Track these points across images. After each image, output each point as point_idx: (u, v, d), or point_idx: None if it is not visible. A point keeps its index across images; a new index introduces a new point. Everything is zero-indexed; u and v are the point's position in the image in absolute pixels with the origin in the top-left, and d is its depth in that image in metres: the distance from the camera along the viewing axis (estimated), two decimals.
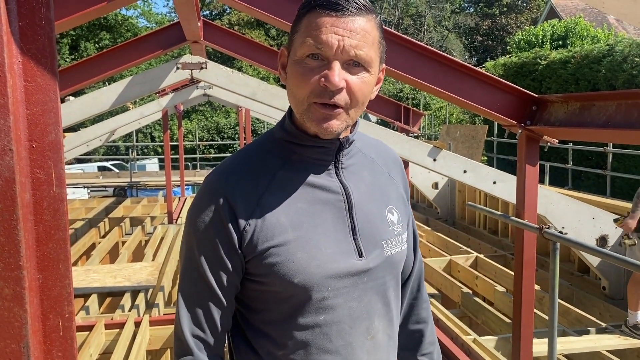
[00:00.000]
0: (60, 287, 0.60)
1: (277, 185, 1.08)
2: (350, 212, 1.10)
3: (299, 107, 1.05)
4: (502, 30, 37.38)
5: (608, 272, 5.14)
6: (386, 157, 1.24)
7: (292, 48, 1.05)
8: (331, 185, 1.10)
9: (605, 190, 8.22)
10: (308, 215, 1.07)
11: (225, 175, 1.09)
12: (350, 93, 1.02)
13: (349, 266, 1.08)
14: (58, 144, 0.57)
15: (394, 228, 1.15)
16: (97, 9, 2.79)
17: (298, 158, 1.10)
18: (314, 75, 1.00)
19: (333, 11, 0.99)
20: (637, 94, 2.48)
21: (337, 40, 0.99)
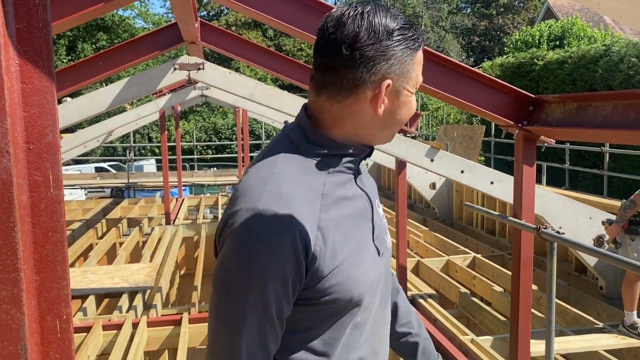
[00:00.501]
0: (57, 289, 0.60)
1: (326, 203, 1.05)
2: (372, 217, 1.14)
3: (394, 129, 1.12)
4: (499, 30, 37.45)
5: (605, 272, 5.15)
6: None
7: (406, 78, 1.06)
8: (358, 194, 1.12)
9: (602, 190, 8.25)
10: (352, 227, 1.08)
11: (284, 203, 0.99)
12: None
13: (377, 266, 1.13)
14: (55, 145, 0.57)
15: (385, 222, 1.22)
16: (95, 9, 2.78)
17: (333, 170, 1.08)
18: (414, 105, 1.12)
19: (421, 50, 1.09)
20: (633, 94, 2.49)
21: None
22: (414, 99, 1.10)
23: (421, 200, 9.88)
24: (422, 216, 9.04)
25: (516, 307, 3.24)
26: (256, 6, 3.02)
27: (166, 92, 9.10)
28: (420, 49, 1.08)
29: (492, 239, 7.54)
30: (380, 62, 1.02)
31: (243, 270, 0.98)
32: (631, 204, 4.18)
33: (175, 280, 7.17)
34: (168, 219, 8.94)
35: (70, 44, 26.63)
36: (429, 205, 9.34)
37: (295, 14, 3.00)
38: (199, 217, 10.35)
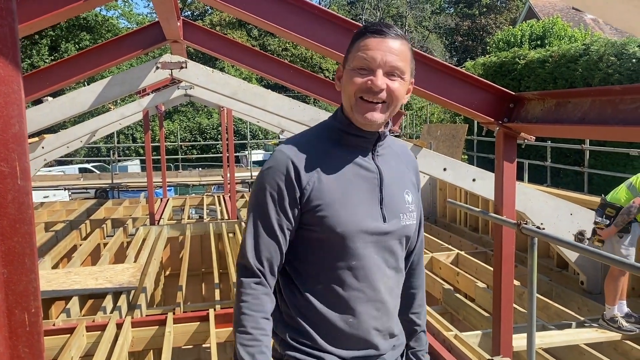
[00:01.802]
0: (26, 282, 0.59)
1: (331, 160, 1.44)
2: (381, 187, 1.46)
3: (349, 100, 1.41)
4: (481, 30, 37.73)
5: (586, 267, 5.22)
6: (406, 155, 1.62)
7: (347, 62, 1.44)
8: (369, 166, 1.47)
9: (583, 187, 8.35)
10: (351, 184, 1.43)
11: (293, 147, 1.44)
12: (389, 92, 1.39)
13: (375, 226, 1.44)
14: (22, 136, 0.57)
15: (408, 206, 1.51)
16: (73, 7, 2.76)
17: (346, 142, 1.47)
18: (362, 77, 1.39)
19: (378, 35, 1.39)
20: (610, 91, 2.53)
21: (381, 56, 1.37)
22: (356, 73, 1.39)
23: None
24: None
25: (498, 303, 3.27)
26: (240, 5, 3.01)
27: (149, 91, 9.04)
28: (364, 38, 1.40)
29: (475, 235, 7.59)
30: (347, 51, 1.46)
31: (255, 187, 1.48)
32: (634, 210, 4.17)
33: (160, 280, 7.12)
34: (152, 219, 8.88)
35: (53, 44, 26.33)
36: None
37: (280, 13, 3.00)
38: (184, 218, 10.29)
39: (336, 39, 2.95)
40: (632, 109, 2.37)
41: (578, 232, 4.82)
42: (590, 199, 5.76)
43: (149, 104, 8.92)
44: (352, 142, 1.47)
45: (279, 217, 1.42)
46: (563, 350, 4.14)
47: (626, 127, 2.36)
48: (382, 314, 1.48)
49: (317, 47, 3.04)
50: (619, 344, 4.08)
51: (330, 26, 2.97)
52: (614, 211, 4.24)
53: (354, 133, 1.46)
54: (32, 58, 24.93)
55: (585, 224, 4.95)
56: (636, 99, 2.36)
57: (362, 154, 1.47)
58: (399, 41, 1.40)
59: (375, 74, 1.37)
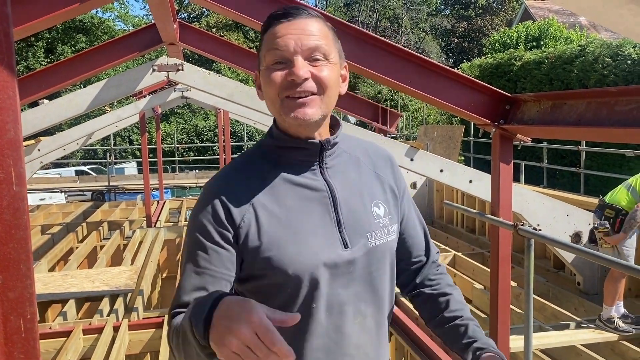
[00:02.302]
0: (21, 288, 0.59)
1: (267, 187, 1.19)
2: (335, 207, 1.20)
3: (274, 106, 1.17)
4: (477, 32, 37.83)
5: (582, 268, 5.23)
6: (374, 156, 1.33)
7: (260, 63, 1.19)
8: (316, 184, 1.21)
9: (579, 188, 8.37)
10: (296, 211, 1.18)
11: (220, 180, 1.22)
12: (317, 80, 1.14)
13: (335, 256, 1.17)
14: (17, 142, 0.57)
15: (379, 221, 1.24)
16: (70, 10, 2.75)
17: (285, 161, 1.22)
18: (281, 73, 1.14)
19: (284, 18, 1.15)
20: (605, 92, 2.54)
21: (294, 40, 1.13)
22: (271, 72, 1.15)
23: None
24: None
25: (495, 304, 3.28)
26: (236, 7, 3.01)
27: (146, 94, 9.04)
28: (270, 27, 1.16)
29: (472, 237, 7.61)
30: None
31: (186, 233, 1.23)
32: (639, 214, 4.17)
33: (157, 283, 7.11)
34: (149, 221, 8.86)
35: (49, 46, 26.26)
36: None
37: None
38: (181, 220, 10.28)
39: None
40: (627, 110, 2.38)
41: (574, 233, 4.83)
42: (586, 200, 5.78)
43: (146, 106, 8.91)
44: (291, 159, 1.21)
45: (212, 268, 1.14)
46: (560, 351, 4.15)
47: (622, 128, 2.37)
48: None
49: None
50: (616, 345, 4.09)
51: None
52: (613, 212, 4.24)
53: (290, 146, 1.20)
54: (28, 60, 24.88)
55: (581, 225, 4.97)
56: (631, 100, 2.36)
57: (305, 170, 1.21)
58: (312, 19, 1.17)
59: (293, 63, 1.12)
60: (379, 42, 3.05)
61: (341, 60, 1.23)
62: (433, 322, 1.35)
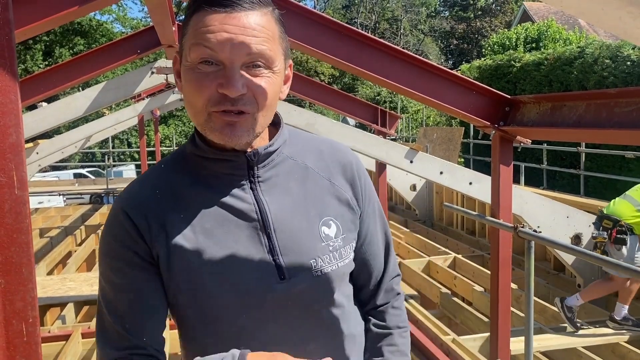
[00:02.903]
0: (23, 292, 0.59)
1: (183, 205, 0.98)
2: (267, 230, 0.99)
3: (198, 117, 0.94)
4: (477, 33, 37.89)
5: (583, 270, 5.23)
6: (330, 161, 1.09)
7: (183, 52, 0.95)
8: (242, 204, 0.99)
9: (579, 190, 8.37)
10: (217, 237, 0.97)
11: (126, 198, 1.00)
12: (256, 97, 0.92)
13: (266, 291, 0.97)
14: (19, 146, 0.57)
15: (329, 243, 1.02)
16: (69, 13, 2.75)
17: (208, 173, 1.01)
18: (210, 81, 0.90)
19: (221, 7, 0.89)
20: (605, 94, 2.54)
21: (230, 40, 0.88)
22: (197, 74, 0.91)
23: (402, 201, 9.93)
24: (403, 218, 9.08)
25: (495, 306, 3.28)
26: None
27: (145, 96, 9.04)
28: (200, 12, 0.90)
29: (472, 239, 7.60)
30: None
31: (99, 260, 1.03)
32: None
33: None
34: None
35: (47, 49, 26.27)
36: (410, 207, 9.39)
37: None
38: None
39: (331, 43, 2.96)
40: (627, 112, 2.38)
41: (575, 235, 4.83)
42: (586, 202, 5.78)
43: (144, 108, 8.91)
44: (215, 172, 1.00)
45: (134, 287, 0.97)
46: (561, 354, 4.14)
47: (621, 130, 2.37)
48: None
49: (312, 52, 3.04)
50: (617, 347, 4.09)
51: (325, 31, 2.98)
52: (611, 223, 4.22)
53: (213, 157, 0.99)
54: (26, 63, 24.88)
55: (581, 226, 4.97)
56: (631, 102, 2.37)
57: (231, 187, 0.99)
58: (257, 11, 0.91)
59: (227, 71, 0.89)
60: (377, 44, 3.05)
61: (286, 61, 1.01)
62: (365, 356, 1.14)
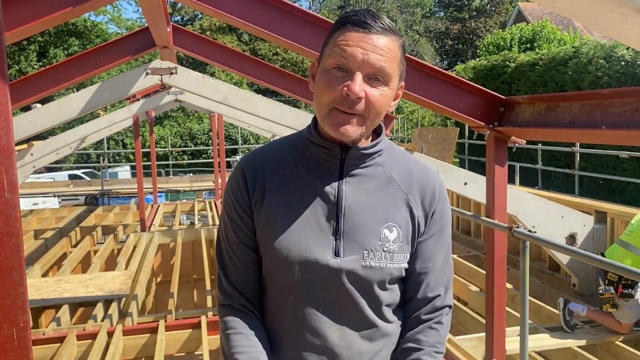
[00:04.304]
0: (14, 296, 0.59)
1: (283, 174, 1.24)
2: (337, 214, 1.20)
3: (321, 111, 1.17)
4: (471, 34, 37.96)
5: (577, 270, 5.24)
6: (417, 181, 1.27)
7: (322, 59, 1.18)
8: (328, 187, 1.21)
9: (574, 189, 8.40)
10: (299, 205, 1.21)
11: (247, 159, 1.29)
12: (369, 104, 1.13)
13: (321, 260, 1.18)
14: (9, 149, 0.56)
15: (384, 244, 1.20)
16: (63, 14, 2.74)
17: (311, 155, 1.24)
18: (338, 84, 1.13)
19: (361, 28, 1.12)
20: (599, 95, 2.55)
21: (362, 54, 1.11)
22: (329, 77, 1.14)
23: None
24: None
25: (491, 306, 3.28)
26: (228, 10, 3.01)
27: (139, 97, 9.01)
28: (343, 30, 1.14)
29: (468, 239, 7.61)
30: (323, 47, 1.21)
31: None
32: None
33: (152, 287, 7.08)
34: (143, 225, 8.83)
35: (42, 50, 26.17)
36: None
37: (270, 18, 2.99)
38: (175, 224, 10.24)
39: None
40: (620, 112, 2.39)
41: (569, 235, 4.84)
42: (581, 202, 5.80)
43: (139, 109, 8.89)
44: (315, 155, 1.23)
45: (239, 232, 1.25)
46: (556, 353, 4.15)
47: (615, 130, 2.38)
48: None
49: (308, 53, 3.04)
50: (612, 346, 4.10)
51: (322, 32, 2.97)
52: (616, 277, 4.01)
53: (318, 143, 1.22)
54: (21, 64, 24.77)
55: (576, 226, 4.99)
56: (624, 102, 2.37)
57: (325, 171, 1.23)
58: (387, 37, 1.14)
59: (353, 77, 1.12)
60: None
61: (400, 81, 1.22)
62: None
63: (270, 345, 1.24)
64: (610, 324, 4.16)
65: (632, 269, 2.23)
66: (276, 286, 1.24)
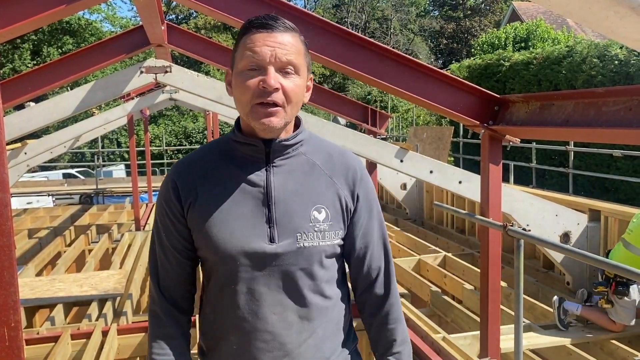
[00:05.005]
0: (5, 296, 0.58)
1: (213, 175, 1.34)
2: (269, 203, 1.31)
3: (244, 110, 1.28)
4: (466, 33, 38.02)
5: (571, 268, 5.26)
6: (338, 163, 1.40)
7: (234, 64, 1.30)
8: (257, 180, 1.33)
9: (568, 188, 8.43)
10: (231, 201, 1.31)
11: (177, 166, 1.40)
12: (285, 93, 1.26)
13: (258, 248, 1.29)
14: (0, 146, 0.55)
15: (315, 224, 1.32)
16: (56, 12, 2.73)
17: (238, 154, 1.35)
18: (254, 80, 1.25)
19: (264, 29, 1.26)
20: (592, 93, 2.56)
21: (270, 51, 1.24)
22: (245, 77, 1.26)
23: (392, 200, 9.95)
24: (394, 217, 9.10)
25: (485, 304, 3.29)
26: (222, 8, 3.00)
27: (134, 96, 8.98)
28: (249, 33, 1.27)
29: (462, 237, 7.63)
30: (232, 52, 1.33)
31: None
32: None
33: (146, 286, 7.05)
34: (138, 224, 8.79)
35: (35, 48, 26.01)
36: (400, 206, 9.41)
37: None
38: None
39: (323, 43, 2.95)
40: (614, 111, 2.40)
41: (563, 233, 4.86)
42: (575, 200, 5.82)
43: (134, 108, 8.85)
44: (242, 153, 1.35)
45: (171, 238, 1.37)
46: (550, 351, 4.16)
47: (609, 129, 2.39)
48: (275, 349, 1.32)
49: None
50: (605, 344, 4.12)
51: (317, 31, 2.97)
52: (612, 273, 4.01)
53: (243, 142, 1.33)
54: (14, 63, 24.62)
55: (570, 225, 5.00)
56: (618, 101, 2.38)
57: (253, 166, 1.34)
58: (289, 34, 1.28)
59: (266, 72, 1.24)
60: (367, 44, 3.05)
61: (308, 73, 1.34)
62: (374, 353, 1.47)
63: (215, 334, 1.37)
64: (604, 322, 4.18)
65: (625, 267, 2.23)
66: (219, 278, 1.34)
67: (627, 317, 4.06)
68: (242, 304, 1.31)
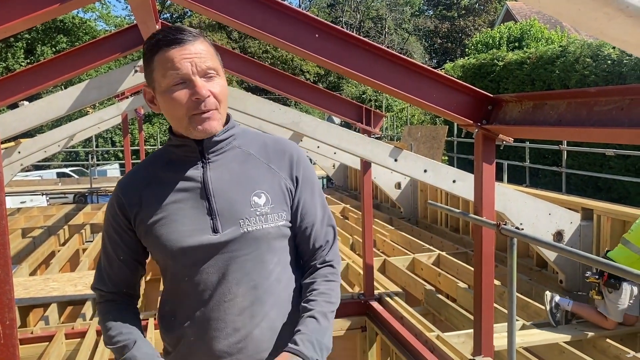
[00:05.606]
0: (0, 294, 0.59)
1: (155, 181, 1.43)
2: (208, 197, 1.39)
3: (182, 123, 1.37)
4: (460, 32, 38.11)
5: (564, 266, 5.29)
6: (273, 151, 1.48)
7: (155, 84, 1.37)
8: (194, 176, 1.41)
9: (561, 187, 8.47)
10: (174, 201, 1.39)
11: (121, 182, 1.48)
12: (215, 96, 1.36)
13: (203, 240, 1.36)
14: None
15: (256, 209, 1.39)
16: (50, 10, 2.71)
17: (175, 157, 1.44)
18: (185, 95, 1.33)
19: (176, 45, 1.32)
20: (585, 93, 2.57)
21: (189, 62, 1.32)
22: (173, 92, 1.33)
23: (387, 199, 9.96)
24: (388, 215, 9.12)
25: (479, 303, 3.30)
26: (217, 8, 2.99)
27: (128, 95, 8.95)
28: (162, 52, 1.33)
29: (456, 236, 7.66)
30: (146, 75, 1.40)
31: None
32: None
33: (141, 285, 7.04)
34: None
35: (29, 47, 25.88)
36: (395, 205, 9.43)
37: (259, 16, 2.98)
38: None
39: (316, 42, 2.95)
40: (606, 110, 2.42)
41: (556, 232, 4.89)
42: (568, 199, 5.85)
43: (128, 107, 8.82)
44: (178, 155, 1.43)
45: (118, 251, 1.46)
46: (543, 349, 4.19)
47: (601, 128, 2.40)
48: (229, 336, 1.37)
49: (297, 51, 3.04)
50: (598, 342, 4.15)
51: (312, 30, 2.97)
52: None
53: (178, 144, 1.42)
54: (8, 61, 24.50)
55: (563, 223, 5.03)
56: (610, 101, 2.40)
57: (190, 165, 1.42)
58: (198, 41, 1.35)
59: (194, 84, 1.32)
60: (362, 43, 3.05)
61: (223, 69, 1.43)
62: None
63: (175, 331, 1.43)
64: (595, 318, 4.21)
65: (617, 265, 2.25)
66: (172, 275, 1.41)
67: (614, 313, 4.09)
68: (195, 296, 1.37)
